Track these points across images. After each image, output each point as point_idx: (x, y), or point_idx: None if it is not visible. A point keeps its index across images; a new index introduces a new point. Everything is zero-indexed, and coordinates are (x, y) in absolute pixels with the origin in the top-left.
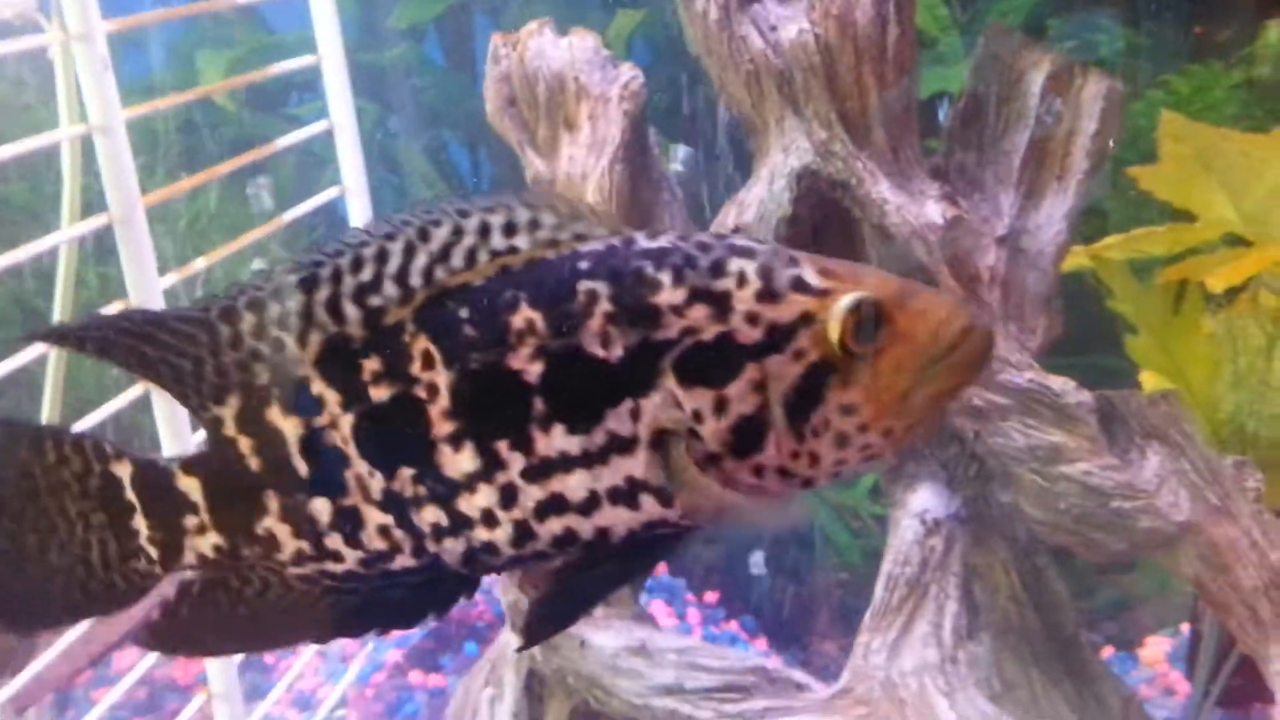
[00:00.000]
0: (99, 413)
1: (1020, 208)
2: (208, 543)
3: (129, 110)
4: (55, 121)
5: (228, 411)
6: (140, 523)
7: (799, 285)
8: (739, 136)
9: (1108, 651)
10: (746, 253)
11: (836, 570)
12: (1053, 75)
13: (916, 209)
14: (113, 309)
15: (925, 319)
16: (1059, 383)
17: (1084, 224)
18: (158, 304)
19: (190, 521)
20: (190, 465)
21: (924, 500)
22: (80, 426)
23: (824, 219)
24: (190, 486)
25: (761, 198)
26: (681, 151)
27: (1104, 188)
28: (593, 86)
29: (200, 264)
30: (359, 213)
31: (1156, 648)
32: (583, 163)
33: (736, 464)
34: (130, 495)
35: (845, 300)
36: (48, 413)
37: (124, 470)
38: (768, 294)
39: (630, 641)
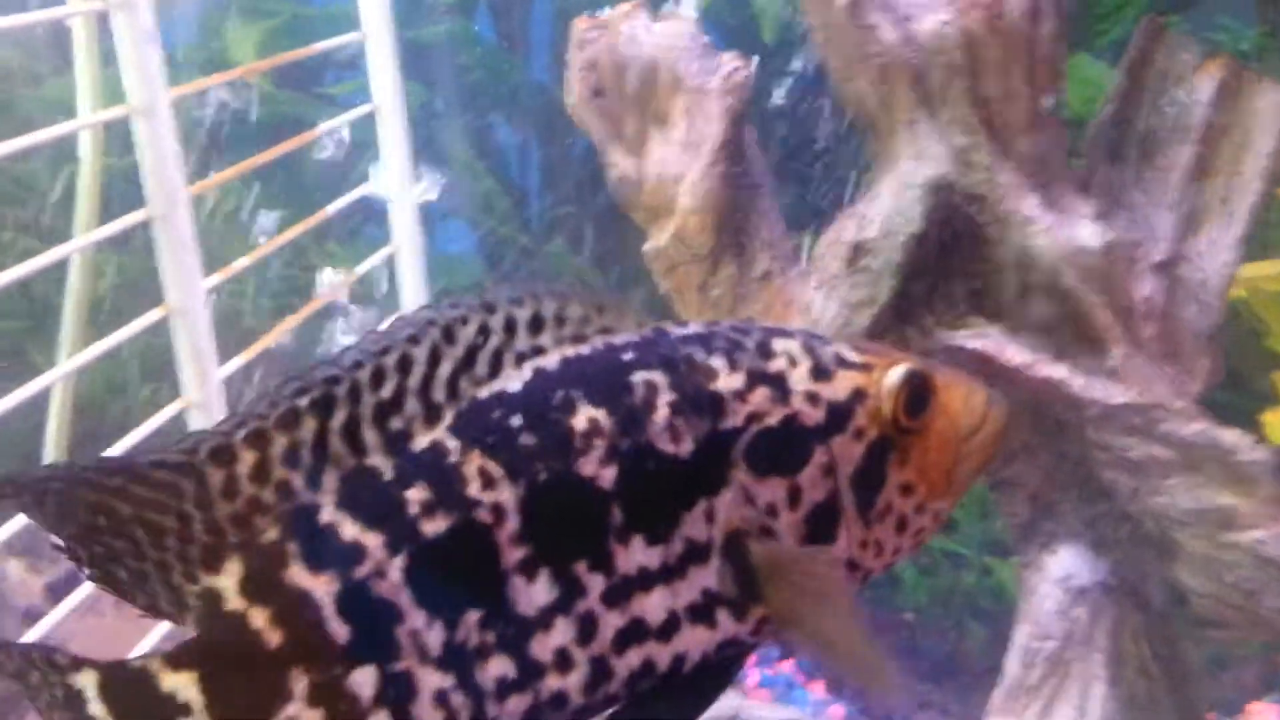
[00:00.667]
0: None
1: (1180, 232)
2: None
3: (175, 90)
4: (71, 92)
5: (228, 580)
6: None
7: (843, 362)
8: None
9: (1209, 718)
10: (782, 333)
11: (901, 610)
12: (1219, 83)
13: (1067, 230)
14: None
15: (957, 393)
16: (1231, 436)
17: None
18: (201, 309)
19: None
20: (178, 658)
21: (1066, 564)
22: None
23: (952, 238)
24: (180, 684)
25: (887, 211)
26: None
27: None
28: (690, 78)
29: (243, 263)
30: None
31: (1262, 717)
32: (675, 163)
33: None
34: (96, 710)
35: (895, 373)
36: (53, 434)
37: (87, 680)
38: (820, 372)
39: (722, 711)
